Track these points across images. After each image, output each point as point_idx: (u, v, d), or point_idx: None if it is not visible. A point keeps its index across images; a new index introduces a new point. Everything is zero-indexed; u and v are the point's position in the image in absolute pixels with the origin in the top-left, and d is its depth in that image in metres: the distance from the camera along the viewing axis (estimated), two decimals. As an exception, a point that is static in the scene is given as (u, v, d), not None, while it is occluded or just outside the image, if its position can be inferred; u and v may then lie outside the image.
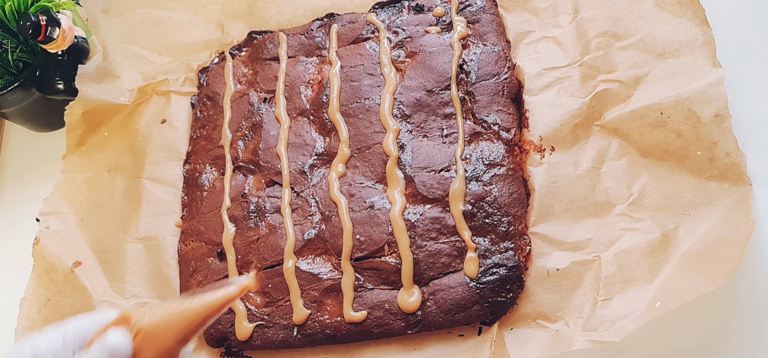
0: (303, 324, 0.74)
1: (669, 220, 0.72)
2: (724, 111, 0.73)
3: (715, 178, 0.72)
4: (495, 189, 0.75)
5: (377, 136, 0.81)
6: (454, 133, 0.80)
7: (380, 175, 0.79)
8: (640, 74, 0.79)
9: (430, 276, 0.73)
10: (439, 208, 0.76)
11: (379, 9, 0.92)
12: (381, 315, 0.73)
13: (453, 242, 0.74)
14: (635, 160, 0.76)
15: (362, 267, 0.75)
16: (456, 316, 0.72)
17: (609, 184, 0.76)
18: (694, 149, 0.74)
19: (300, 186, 0.82)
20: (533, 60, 0.85)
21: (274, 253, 0.78)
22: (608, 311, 0.68)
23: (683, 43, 0.78)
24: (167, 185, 0.89)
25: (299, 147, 0.84)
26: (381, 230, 0.76)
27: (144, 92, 0.95)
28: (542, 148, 0.79)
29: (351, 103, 0.85)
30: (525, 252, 0.74)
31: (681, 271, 0.68)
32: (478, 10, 0.89)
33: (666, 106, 0.76)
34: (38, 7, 0.83)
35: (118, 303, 0.82)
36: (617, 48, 0.81)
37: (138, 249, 0.86)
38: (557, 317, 0.71)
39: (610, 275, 0.70)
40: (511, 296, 0.71)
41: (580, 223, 0.75)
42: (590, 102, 0.80)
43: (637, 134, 0.77)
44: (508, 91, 0.82)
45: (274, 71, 0.91)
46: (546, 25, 0.87)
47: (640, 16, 0.82)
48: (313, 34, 0.93)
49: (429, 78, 0.84)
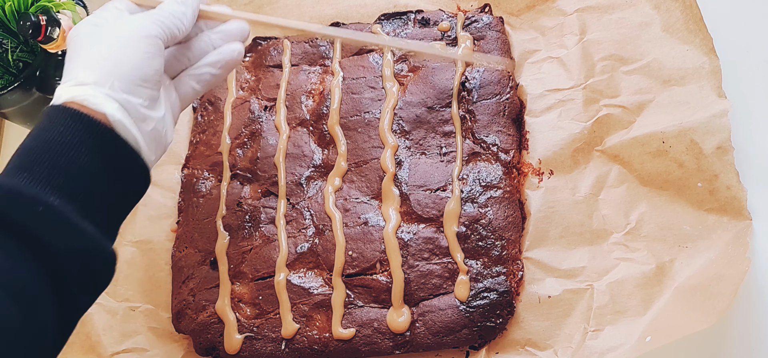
0: (291, 338, 0.74)
1: (665, 251, 0.71)
2: (727, 143, 0.72)
3: (714, 210, 0.71)
4: (490, 212, 0.75)
5: (375, 151, 0.81)
6: (452, 151, 0.79)
7: (376, 191, 0.79)
8: (644, 100, 0.78)
9: (420, 297, 0.73)
10: (433, 228, 0.75)
11: (385, 21, 0.92)
12: (369, 333, 0.73)
13: (445, 263, 0.73)
14: (634, 189, 0.75)
15: (353, 284, 0.75)
16: (444, 338, 0.71)
17: (606, 211, 0.75)
18: (694, 180, 0.73)
19: (295, 198, 0.81)
20: (537, 80, 0.84)
21: (267, 265, 0.78)
22: (597, 342, 0.68)
23: (689, 71, 0.77)
24: (165, 189, 0.89)
25: (297, 158, 0.84)
26: (374, 247, 0.75)
27: (146, 93, 0.95)
28: (541, 172, 0.78)
29: (351, 116, 0.84)
30: (517, 277, 0.73)
31: (674, 306, 0.67)
32: (484, 26, 0.88)
33: (668, 135, 0.75)
34: (38, 7, 0.83)
35: (109, 306, 0.82)
36: (622, 72, 0.80)
37: (132, 252, 0.86)
38: (546, 345, 0.70)
39: (602, 306, 0.70)
40: (500, 321, 0.71)
41: (575, 250, 0.74)
42: (592, 126, 0.79)
43: (637, 162, 0.76)
44: (510, 111, 0.81)
45: (277, 79, 0.91)
46: (552, 45, 0.86)
47: (648, 41, 0.81)
48: (317, 42, 0.92)
49: (430, 94, 0.83)
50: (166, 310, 0.82)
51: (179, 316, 0.80)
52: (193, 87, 0.68)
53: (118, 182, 0.57)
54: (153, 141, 0.61)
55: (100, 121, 0.56)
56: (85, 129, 0.55)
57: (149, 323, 0.82)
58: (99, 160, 0.55)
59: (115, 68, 0.58)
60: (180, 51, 0.67)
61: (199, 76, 0.68)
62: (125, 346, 0.80)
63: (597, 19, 0.84)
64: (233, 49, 0.69)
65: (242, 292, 0.78)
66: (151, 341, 0.81)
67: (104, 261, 0.55)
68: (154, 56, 0.61)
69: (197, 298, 0.79)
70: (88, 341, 0.81)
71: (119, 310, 0.82)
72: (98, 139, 0.55)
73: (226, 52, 0.69)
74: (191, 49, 0.68)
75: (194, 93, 0.68)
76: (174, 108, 0.66)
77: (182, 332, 0.79)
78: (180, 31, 0.65)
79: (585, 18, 0.85)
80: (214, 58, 0.68)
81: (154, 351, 0.80)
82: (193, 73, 0.68)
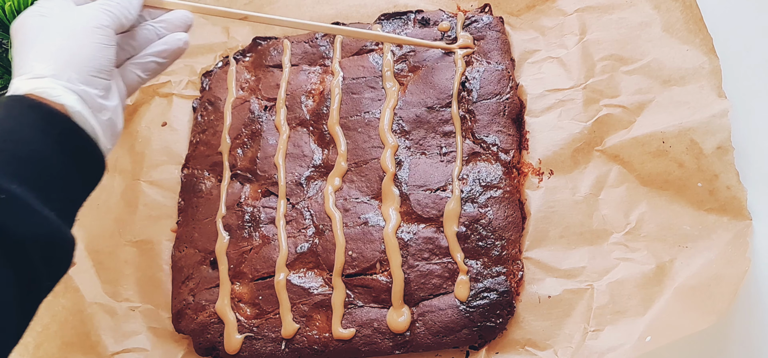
0: (291, 338, 0.74)
1: (665, 251, 0.71)
2: (727, 143, 0.72)
3: (714, 210, 0.71)
4: (490, 212, 0.75)
5: (375, 151, 0.81)
6: (452, 151, 0.79)
7: (376, 191, 0.79)
8: (644, 100, 0.78)
9: (420, 297, 0.73)
10: (433, 228, 0.75)
11: (385, 21, 0.92)
12: (369, 334, 0.73)
13: (445, 263, 0.73)
14: (634, 189, 0.75)
15: (353, 284, 0.75)
16: (444, 339, 0.71)
17: (606, 211, 0.75)
18: (694, 180, 0.73)
19: (296, 198, 0.81)
20: (537, 80, 0.84)
21: (267, 265, 0.78)
22: (597, 342, 0.68)
23: (689, 71, 0.77)
24: (165, 189, 0.89)
25: (297, 158, 0.84)
26: (374, 247, 0.75)
27: (146, 93, 0.95)
28: (541, 172, 0.78)
29: (351, 116, 0.84)
30: (517, 277, 0.73)
31: (674, 306, 0.67)
32: (483, 26, 0.88)
33: (668, 135, 0.75)
34: (40, 6, 0.83)
35: (109, 306, 0.82)
36: (622, 72, 0.80)
37: (132, 252, 0.86)
38: (546, 345, 0.70)
39: (602, 306, 0.70)
40: (500, 321, 0.71)
41: (575, 250, 0.74)
42: (592, 126, 0.79)
43: (637, 162, 0.75)
44: (510, 111, 0.81)
45: (277, 79, 0.91)
46: (552, 45, 0.86)
47: (648, 41, 0.81)
48: (317, 42, 0.92)
49: (430, 94, 0.83)
50: (166, 310, 0.82)
51: (179, 316, 0.80)
52: (138, 75, 0.69)
53: (77, 171, 0.59)
54: (108, 130, 0.63)
55: (60, 112, 0.57)
56: (45, 120, 0.57)
57: (149, 323, 0.82)
58: (59, 149, 0.57)
59: (72, 59, 0.60)
60: (124, 40, 0.68)
61: (145, 65, 0.70)
62: (125, 346, 0.80)
63: (597, 19, 0.84)
64: (179, 39, 0.71)
65: (242, 292, 0.78)
66: (151, 341, 0.81)
67: (64, 248, 0.57)
68: (107, 46, 0.63)
69: (197, 298, 0.79)
70: (88, 341, 0.80)
71: (119, 310, 0.82)
72: (58, 129, 0.57)
73: (171, 41, 0.71)
74: (135, 38, 0.69)
75: (139, 81, 0.70)
76: (122, 97, 0.67)
77: (182, 332, 0.79)
78: (128, 20, 0.66)
79: (585, 18, 0.85)
80: (160, 48, 0.70)
81: (154, 351, 0.80)
82: (138, 62, 0.69)
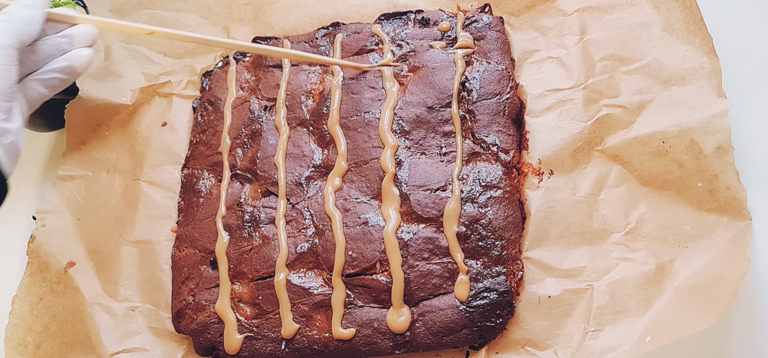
0: (291, 338, 0.74)
1: (665, 251, 0.71)
2: (727, 143, 0.72)
3: (714, 210, 0.71)
4: (490, 212, 0.75)
5: (375, 151, 0.81)
6: (452, 151, 0.79)
7: (376, 191, 0.79)
8: (644, 100, 0.78)
9: (420, 297, 0.73)
10: (433, 228, 0.75)
11: (385, 20, 0.92)
12: (369, 333, 0.72)
13: (445, 263, 0.73)
14: (634, 189, 0.75)
15: (353, 284, 0.75)
16: (444, 339, 0.71)
17: (606, 211, 0.75)
18: (694, 180, 0.73)
19: (296, 198, 0.81)
20: (537, 80, 0.84)
21: (267, 265, 0.78)
22: (598, 342, 0.68)
23: (689, 71, 0.77)
24: (165, 189, 0.89)
25: (297, 158, 0.84)
26: (374, 247, 0.75)
27: (146, 93, 0.95)
28: (541, 172, 0.78)
29: (351, 116, 0.84)
30: (517, 277, 0.73)
31: (674, 306, 0.67)
32: (484, 26, 0.88)
33: (668, 135, 0.75)
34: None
35: (109, 306, 0.82)
36: (622, 72, 0.80)
37: (132, 252, 0.86)
38: (546, 345, 0.70)
39: (602, 306, 0.70)
40: (500, 321, 0.71)
41: (575, 250, 0.74)
42: (592, 126, 0.79)
43: (637, 162, 0.75)
44: (510, 111, 0.81)
45: (277, 79, 0.90)
46: (552, 45, 0.86)
47: (648, 41, 0.81)
48: (317, 42, 0.92)
49: (430, 94, 0.83)
50: (166, 310, 0.82)
51: (179, 316, 0.80)
52: (40, 92, 0.67)
53: None
54: (11, 153, 0.61)
55: None
56: None
57: (149, 323, 0.82)
58: None
59: None
60: (25, 54, 0.65)
61: (47, 81, 0.67)
62: (125, 346, 0.80)
63: (597, 19, 0.84)
64: (82, 55, 0.68)
65: (242, 292, 0.78)
66: (151, 341, 0.81)
67: None
68: (9, 67, 0.60)
69: (197, 298, 0.79)
70: (88, 341, 0.80)
71: (119, 310, 0.82)
72: None
73: (75, 58, 0.68)
74: (37, 53, 0.66)
75: (41, 97, 0.67)
76: (24, 116, 0.65)
77: (182, 332, 0.79)
78: (30, 37, 0.64)
79: (585, 18, 0.85)
80: (64, 64, 0.67)
81: (154, 351, 0.80)
82: (40, 77, 0.66)
